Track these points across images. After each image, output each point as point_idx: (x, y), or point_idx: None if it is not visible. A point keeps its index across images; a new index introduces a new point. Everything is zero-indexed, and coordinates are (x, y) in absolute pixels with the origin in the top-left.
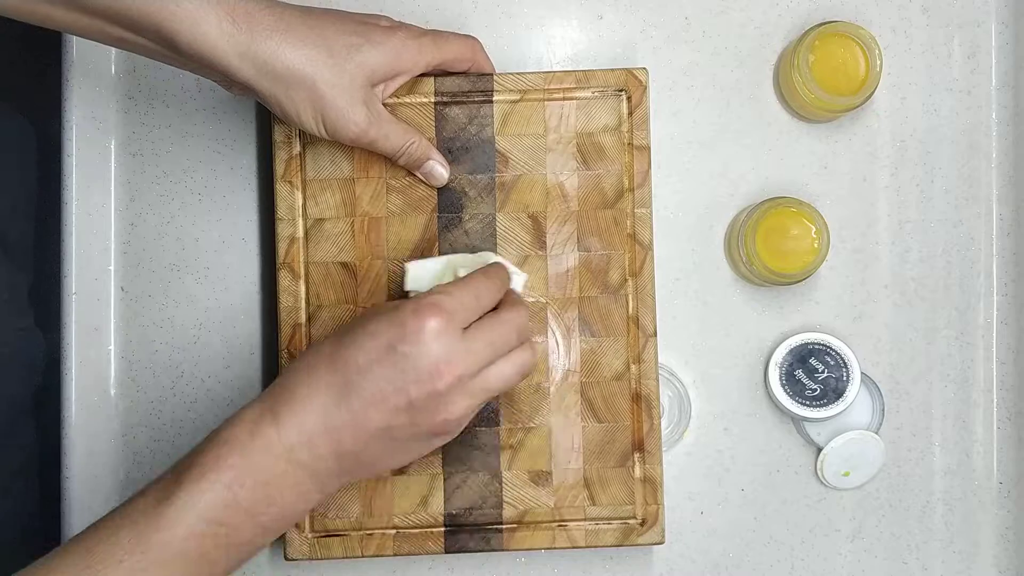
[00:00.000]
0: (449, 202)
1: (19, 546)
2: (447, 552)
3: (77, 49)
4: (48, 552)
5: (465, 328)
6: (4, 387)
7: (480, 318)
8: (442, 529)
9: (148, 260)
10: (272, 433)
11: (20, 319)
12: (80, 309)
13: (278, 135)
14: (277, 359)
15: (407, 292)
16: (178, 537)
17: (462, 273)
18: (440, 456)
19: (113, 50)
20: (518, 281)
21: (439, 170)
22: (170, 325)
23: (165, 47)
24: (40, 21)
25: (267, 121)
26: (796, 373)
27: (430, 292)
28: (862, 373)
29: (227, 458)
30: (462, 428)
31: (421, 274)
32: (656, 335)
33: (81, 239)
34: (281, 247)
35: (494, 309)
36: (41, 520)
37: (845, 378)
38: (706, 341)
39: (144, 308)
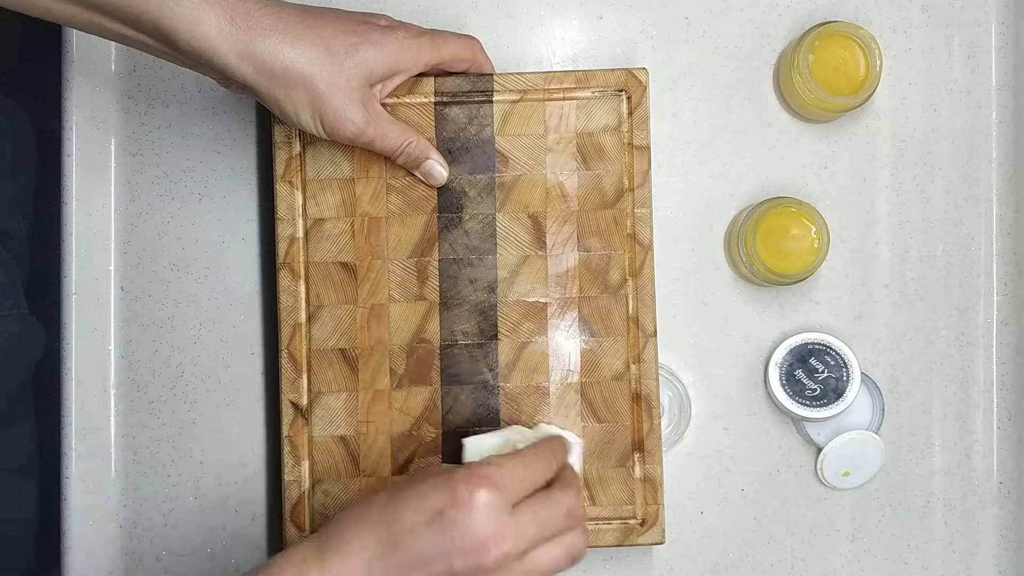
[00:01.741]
0: (449, 202)
1: (19, 546)
2: None
3: (78, 48)
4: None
5: (516, 504)
6: (4, 386)
7: (532, 494)
8: None
9: (148, 260)
10: (316, 574)
11: (19, 318)
12: (80, 309)
13: (278, 135)
14: (277, 359)
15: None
16: None
17: (520, 447)
18: (440, 457)
19: (113, 50)
20: (576, 452)
21: (438, 169)
22: (170, 325)
23: (164, 44)
24: (39, 13)
25: (267, 121)
26: (796, 373)
27: (483, 462)
28: (862, 373)
29: None
30: None
31: (479, 449)
32: (656, 335)
33: (81, 239)
34: (281, 247)
35: (547, 485)
36: (41, 520)
37: (845, 378)
38: (706, 341)
39: (144, 308)
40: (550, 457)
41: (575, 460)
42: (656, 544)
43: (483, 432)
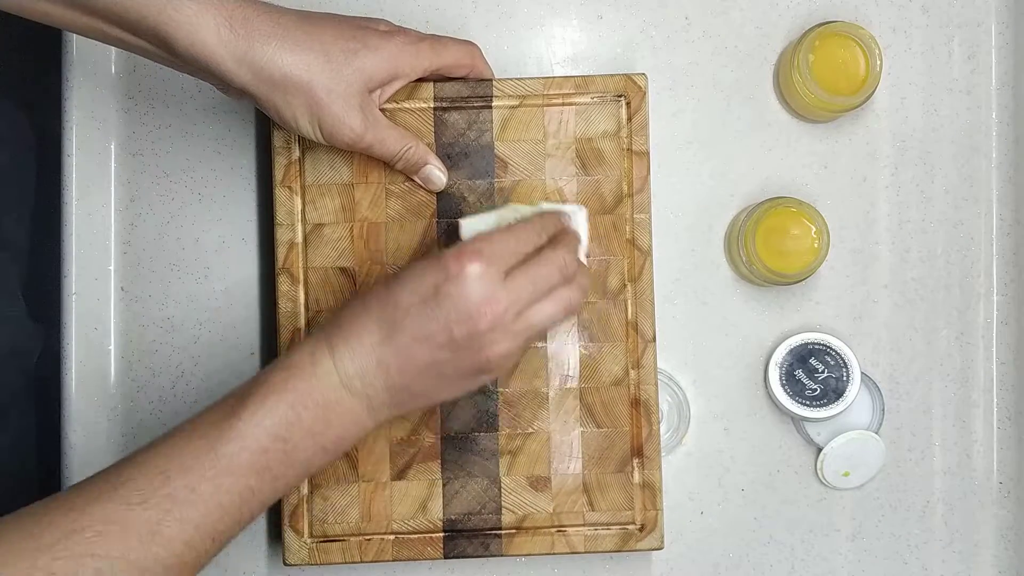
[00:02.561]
0: (448, 207)
1: None
2: (446, 558)
3: (77, 49)
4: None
5: (508, 272)
6: (3, 386)
7: (525, 260)
8: (441, 534)
9: (148, 260)
10: (329, 362)
11: (19, 317)
12: (80, 309)
13: (277, 140)
14: None
15: None
16: (246, 449)
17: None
18: (439, 462)
19: (113, 50)
20: (579, 218)
21: (437, 175)
22: (170, 325)
23: (162, 50)
24: (39, 18)
25: (267, 122)
26: (796, 373)
27: (473, 239)
28: (862, 373)
29: (290, 380)
30: (508, 367)
31: (474, 228)
32: (655, 340)
33: (81, 239)
34: (280, 252)
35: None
36: None
37: (845, 378)
38: (706, 341)
39: (144, 308)
40: (540, 227)
41: (579, 225)
42: (655, 549)
43: (479, 213)
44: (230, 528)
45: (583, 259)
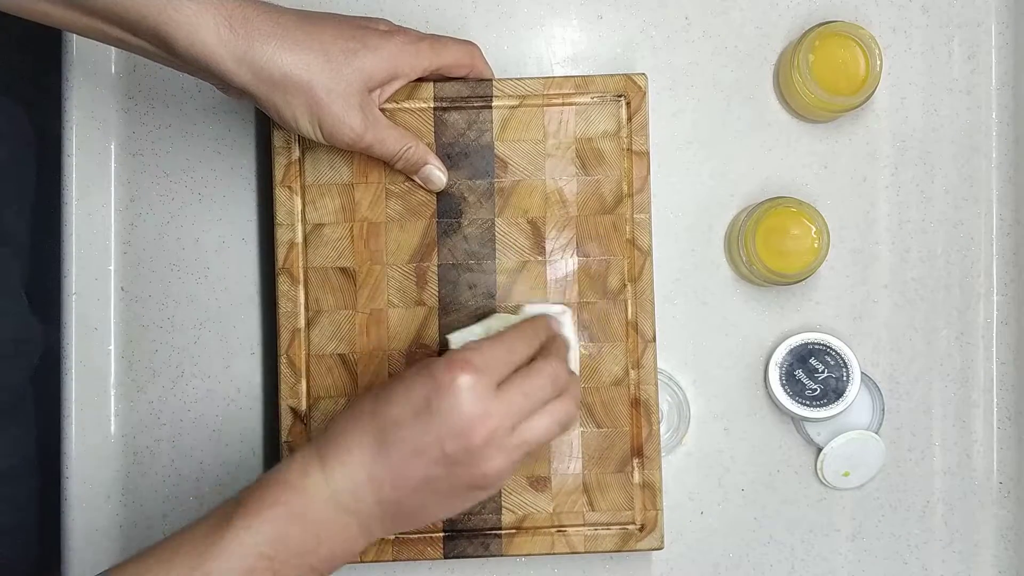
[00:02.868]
0: (448, 207)
1: (20, 546)
2: (446, 558)
3: (77, 49)
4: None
5: (500, 384)
6: (3, 385)
7: (516, 372)
8: (441, 535)
9: (148, 260)
10: (320, 478)
11: (19, 317)
12: (80, 309)
13: (277, 140)
14: (276, 362)
15: None
16: (231, 569)
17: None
18: None
19: (113, 50)
20: (566, 321)
21: (437, 175)
22: (170, 325)
23: (162, 50)
24: (39, 18)
25: (267, 122)
26: (796, 373)
27: (462, 348)
28: (862, 373)
29: (279, 496)
30: (503, 482)
31: (464, 339)
32: (655, 340)
33: (81, 239)
34: (280, 252)
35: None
36: (41, 520)
37: (845, 378)
38: (706, 341)
39: (144, 308)
40: (531, 335)
41: (567, 329)
42: (655, 550)
43: (465, 327)
44: None
45: (574, 365)
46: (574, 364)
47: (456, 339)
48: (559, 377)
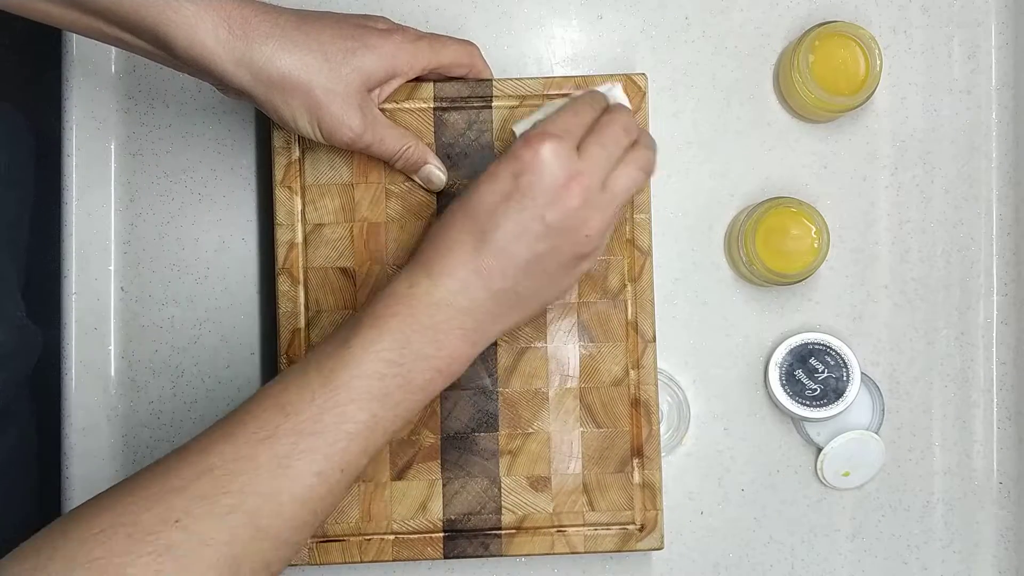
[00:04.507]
0: None
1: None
2: (446, 558)
3: (77, 49)
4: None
5: (578, 145)
6: (3, 386)
7: (589, 130)
8: (441, 535)
9: (148, 260)
10: (428, 284)
11: (19, 317)
12: (80, 309)
13: (277, 141)
14: (276, 362)
15: None
16: (363, 376)
17: None
18: (439, 462)
19: (113, 50)
20: (616, 93)
21: (436, 174)
22: (170, 325)
23: (161, 50)
24: (39, 17)
25: (267, 122)
26: (796, 373)
27: (533, 127)
28: (862, 373)
29: (393, 307)
30: (603, 246)
31: (527, 126)
32: (655, 341)
33: (81, 239)
34: (280, 252)
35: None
36: (41, 520)
37: (845, 378)
38: (706, 341)
39: (144, 308)
40: (592, 100)
41: (620, 99)
42: (655, 550)
43: (525, 118)
44: (357, 458)
45: None
46: None
47: (520, 127)
48: (630, 125)
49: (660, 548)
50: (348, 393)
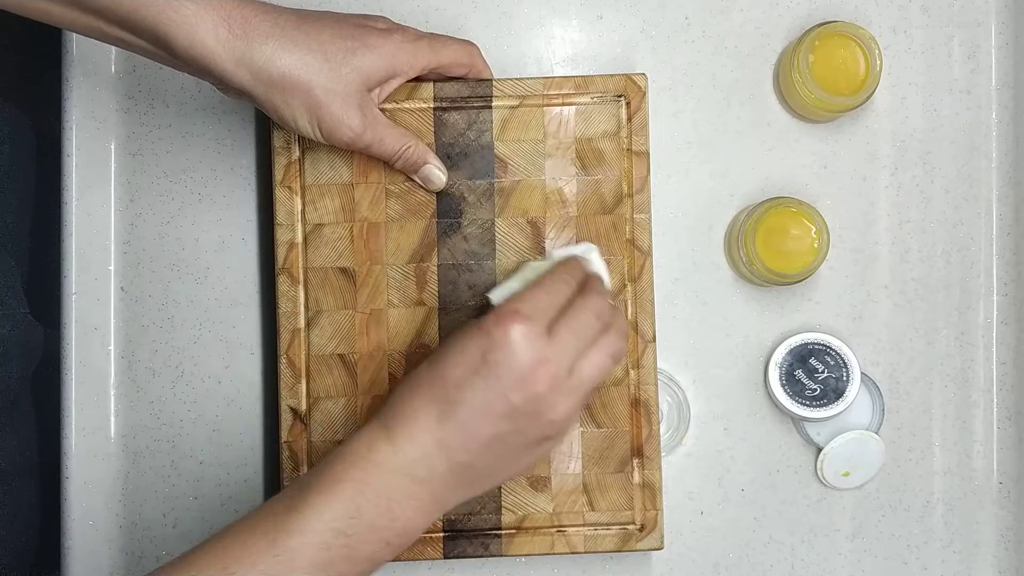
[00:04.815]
0: (448, 207)
1: (19, 546)
2: (446, 558)
3: (77, 48)
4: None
5: (549, 327)
6: (3, 386)
7: (561, 313)
8: (441, 535)
9: (148, 260)
10: (388, 449)
11: (19, 318)
12: (80, 309)
13: (277, 141)
14: (277, 362)
15: None
16: (307, 545)
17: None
18: None
19: (113, 50)
20: (594, 258)
21: (436, 174)
22: (170, 325)
23: (162, 50)
24: (39, 16)
25: (267, 122)
26: (796, 373)
27: (507, 302)
28: (862, 373)
29: (349, 471)
30: (569, 431)
31: (502, 294)
32: (655, 341)
33: (81, 239)
34: (280, 252)
35: None
36: (41, 520)
37: (845, 378)
38: (706, 341)
39: (144, 308)
40: (567, 276)
41: (597, 266)
42: (655, 550)
43: (501, 284)
44: None
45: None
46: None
47: (496, 296)
48: (603, 311)
49: (660, 548)
50: (290, 560)
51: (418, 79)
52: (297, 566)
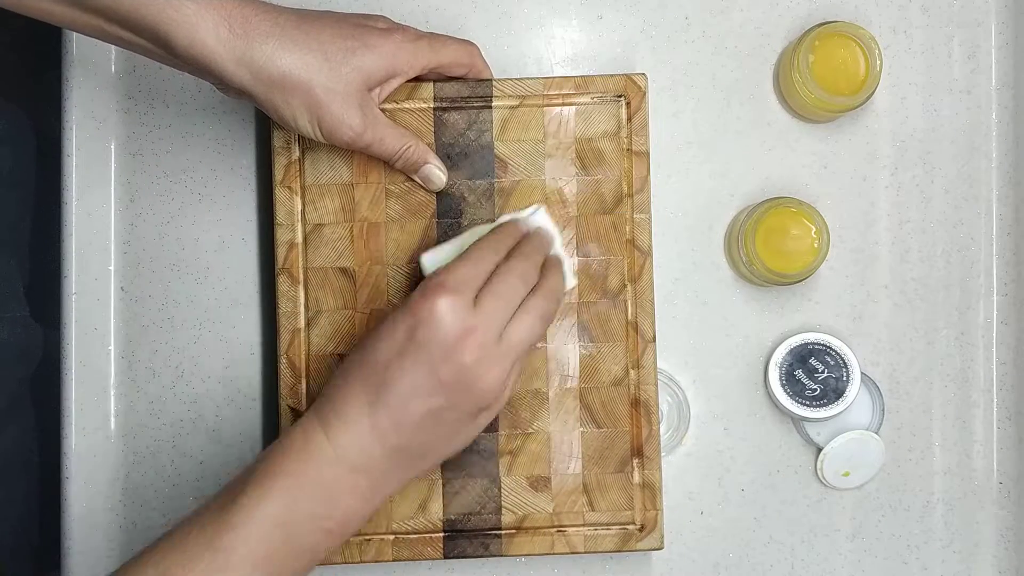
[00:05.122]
0: (448, 207)
1: (19, 546)
2: (446, 558)
3: (77, 48)
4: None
5: (476, 296)
6: (3, 386)
7: (485, 282)
8: (441, 535)
9: (148, 260)
10: (323, 439)
11: (19, 320)
12: (80, 309)
13: (277, 140)
14: (276, 361)
15: None
16: (246, 539)
17: None
18: None
19: (113, 50)
20: (538, 219)
21: (436, 174)
22: (170, 325)
23: (162, 49)
24: (39, 15)
25: (267, 122)
26: (796, 373)
27: (432, 274)
28: (862, 373)
29: (284, 464)
30: (506, 397)
31: (436, 259)
32: (655, 341)
33: (81, 239)
34: (280, 252)
35: None
36: (41, 520)
37: (845, 378)
38: (706, 341)
39: (144, 308)
40: (496, 242)
41: (544, 224)
42: (655, 550)
43: (437, 247)
44: None
45: (559, 253)
46: (561, 252)
47: (428, 260)
48: (527, 273)
49: (660, 548)
50: (227, 558)
51: (418, 79)
52: (234, 562)
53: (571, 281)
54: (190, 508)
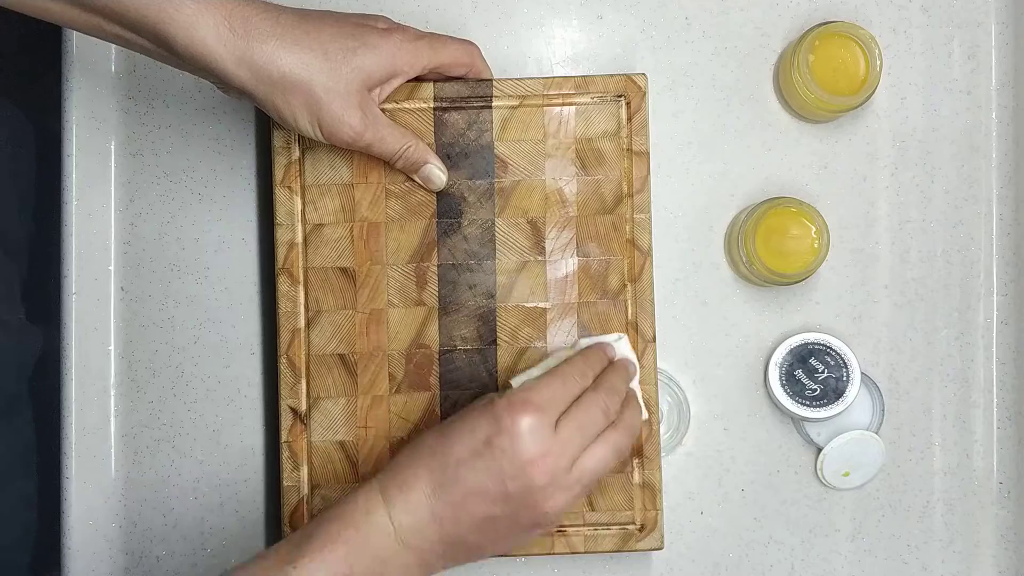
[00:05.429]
0: (448, 207)
1: (19, 546)
2: None
3: (77, 48)
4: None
5: (558, 420)
6: (3, 386)
7: (569, 407)
8: None
9: (148, 260)
10: (384, 514)
11: (19, 318)
12: (80, 309)
13: (277, 140)
14: (277, 362)
15: None
16: None
17: None
18: None
19: (113, 49)
20: (623, 346)
21: (437, 174)
22: (170, 325)
23: (162, 48)
24: (38, 14)
25: (267, 122)
26: (796, 373)
27: (521, 388)
28: (862, 373)
29: (344, 532)
30: (560, 520)
31: (523, 381)
32: (655, 341)
33: (81, 239)
34: (280, 252)
35: None
36: (41, 520)
37: (845, 378)
38: (706, 341)
39: (144, 308)
40: (584, 368)
41: (626, 352)
42: (655, 550)
43: (525, 371)
44: None
45: (635, 387)
46: (635, 385)
47: (517, 382)
48: (610, 407)
49: (660, 548)
50: None
51: (418, 79)
52: None
53: (644, 415)
54: (190, 508)
